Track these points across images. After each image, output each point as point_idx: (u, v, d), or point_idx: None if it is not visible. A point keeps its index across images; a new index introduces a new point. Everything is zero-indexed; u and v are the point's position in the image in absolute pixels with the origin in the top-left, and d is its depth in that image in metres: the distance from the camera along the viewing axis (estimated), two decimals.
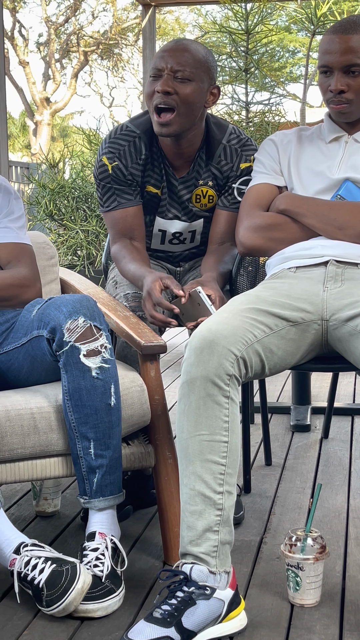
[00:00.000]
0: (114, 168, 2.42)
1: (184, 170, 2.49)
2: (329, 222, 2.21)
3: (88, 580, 1.86)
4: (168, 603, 1.74)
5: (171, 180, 2.48)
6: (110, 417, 1.99)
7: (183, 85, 2.32)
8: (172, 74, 2.32)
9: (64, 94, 22.58)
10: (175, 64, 2.32)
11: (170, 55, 2.33)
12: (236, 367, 1.82)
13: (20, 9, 22.39)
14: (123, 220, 2.46)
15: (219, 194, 2.51)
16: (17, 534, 1.95)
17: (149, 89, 2.36)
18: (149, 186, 2.48)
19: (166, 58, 2.33)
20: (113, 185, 2.44)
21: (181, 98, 2.32)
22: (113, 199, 2.45)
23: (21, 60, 21.82)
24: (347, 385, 4.14)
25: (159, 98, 2.32)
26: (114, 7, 21.79)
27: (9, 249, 2.29)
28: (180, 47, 2.35)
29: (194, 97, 2.34)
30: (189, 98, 2.33)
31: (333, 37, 2.21)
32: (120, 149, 2.43)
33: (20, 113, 26.17)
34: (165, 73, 2.32)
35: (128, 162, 2.43)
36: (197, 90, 2.35)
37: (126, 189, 2.44)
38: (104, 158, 2.44)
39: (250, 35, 6.04)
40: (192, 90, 2.33)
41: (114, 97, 48.91)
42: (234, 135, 2.49)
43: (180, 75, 2.32)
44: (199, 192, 2.50)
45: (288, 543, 1.91)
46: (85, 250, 5.76)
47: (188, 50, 2.34)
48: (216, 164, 2.48)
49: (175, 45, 2.37)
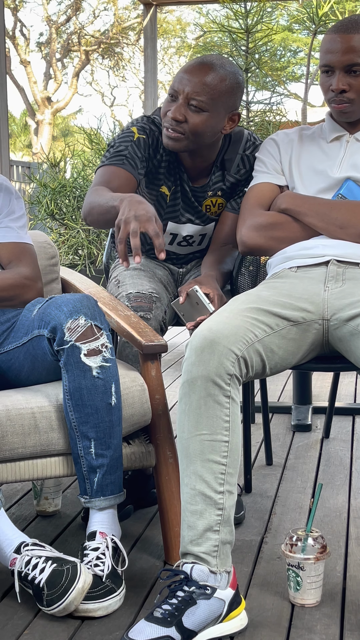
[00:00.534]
0: (139, 138, 2.37)
1: (200, 181, 2.49)
2: (330, 221, 2.21)
3: (89, 580, 1.86)
4: (169, 603, 1.74)
5: (185, 186, 2.47)
6: (111, 417, 1.99)
7: (195, 115, 2.28)
8: (187, 99, 2.27)
9: (65, 94, 22.60)
10: (192, 91, 2.26)
11: (190, 80, 2.27)
12: (237, 367, 1.82)
13: (21, 8, 22.40)
14: (114, 176, 2.32)
15: (229, 198, 2.52)
16: (17, 534, 1.95)
17: (165, 108, 2.33)
18: (164, 187, 2.46)
19: (185, 81, 2.27)
20: (129, 149, 2.36)
21: (190, 127, 2.29)
22: (119, 159, 2.35)
23: (22, 59, 21.83)
24: (348, 385, 4.14)
25: (169, 122, 2.30)
26: (115, 6, 21.80)
27: (10, 249, 2.29)
28: (203, 72, 2.27)
29: (204, 127, 2.30)
30: (198, 128, 2.30)
31: (335, 36, 2.21)
32: (152, 131, 2.41)
33: (22, 112, 26.18)
34: (181, 98, 2.28)
35: (152, 145, 2.40)
36: (210, 121, 2.31)
37: (137, 160, 2.36)
38: (134, 128, 2.39)
39: (250, 35, 6.04)
40: (203, 120, 2.29)
41: (115, 96, 48.84)
42: (250, 142, 2.49)
43: (195, 104, 2.27)
44: (209, 203, 2.51)
45: (289, 543, 1.91)
46: (86, 249, 5.76)
47: (209, 76, 2.27)
48: (234, 174, 2.48)
49: (198, 67, 2.29)
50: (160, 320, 2.34)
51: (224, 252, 2.49)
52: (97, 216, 2.22)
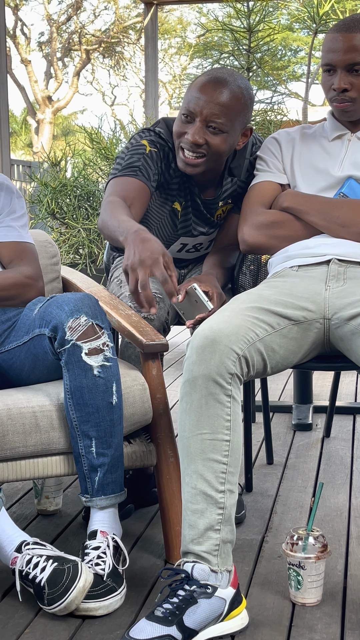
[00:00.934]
0: (151, 152, 2.33)
1: (210, 193, 2.47)
2: (332, 219, 2.21)
3: (89, 579, 1.86)
4: (169, 602, 1.74)
5: (196, 199, 2.46)
6: (111, 416, 1.99)
7: (215, 137, 2.26)
8: (205, 122, 2.24)
9: (66, 93, 22.60)
10: (210, 113, 2.22)
11: (206, 102, 2.22)
12: (238, 366, 1.82)
13: (22, 7, 22.40)
14: (130, 187, 2.27)
15: (238, 202, 2.51)
16: (18, 533, 1.95)
17: (179, 129, 2.28)
18: (176, 203, 2.44)
19: (201, 103, 2.22)
20: (141, 161, 2.31)
21: (212, 149, 2.27)
22: (132, 170, 2.29)
23: (23, 58, 21.83)
24: (349, 384, 4.14)
25: (188, 146, 2.26)
26: (116, 5, 21.79)
27: (11, 248, 2.29)
28: (218, 91, 2.22)
29: (224, 147, 2.29)
30: (219, 149, 2.28)
31: (336, 35, 2.21)
32: (162, 145, 2.36)
33: (22, 111, 26.18)
34: (198, 121, 2.24)
35: (165, 158, 2.37)
36: (230, 141, 2.30)
37: (150, 171, 2.31)
38: (144, 141, 2.35)
39: (252, 34, 6.03)
40: (223, 141, 2.27)
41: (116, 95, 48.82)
42: (256, 146, 2.48)
43: (214, 126, 2.24)
44: (220, 213, 2.51)
45: (289, 542, 1.91)
46: (87, 248, 5.76)
47: (225, 95, 2.23)
48: (244, 179, 2.47)
49: (212, 86, 2.23)
50: (164, 320, 2.34)
51: (227, 252, 2.49)
52: (108, 237, 2.18)
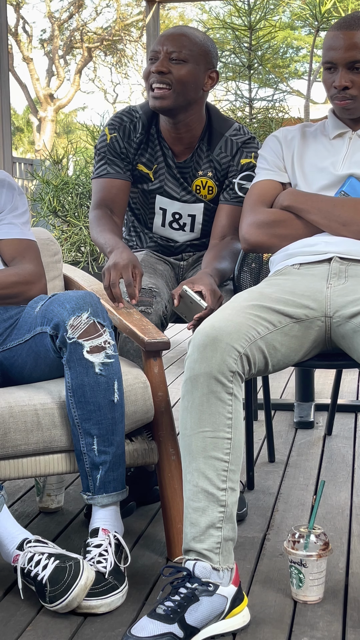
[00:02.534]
0: (112, 138, 2.54)
1: (184, 156, 2.56)
2: (333, 218, 2.21)
3: (91, 577, 1.86)
4: (171, 599, 1.75)
5: (170, 162, 2.55)
6: (113, 414, 1.99)
7: (178, 66, 2.42)
8: (168, 55, 2.41)
9: (68, 90, 22.57)
10: (171, 46, 2.42)
11: (167, 39, 2.44)
12: (239, 364, 1.82)
13: (23, 5, 22.38)
14: (108, 189, 2.54)
15: (219, 186, 2.55)
16: (20, 530, 1.96)
17: (146, 71, 2.46)
18: (140, 165, 2.56)
19: (163, 41, 2.44)
20: (107, 154, 2.54)
21: (176, 78, 2.42)
22: (104, 167, 2.55)
23: (25, 56, 21.80)
24: (351, 382, 4.14)
25: (154, 77, 2.42)
26: (118, 3, 21.77)
27: (14, 245, 2.30)
28: (178, 32, 2.46)
29: (188, 77, 2.43)
30: (183, 78, 2.42)
31: (337, 33, 2.21)
32: (121, 123, 2.55)
33: (24, 109, 26.16)
34: (162, 55, 2.42)
35: (125, 136, 2.53)
36: (193, 72, 2.44)
37: (118, 161, 2.54)
38: (106, 129, 2.56)
39: (253, 32, 6.02)
40: (187, 71, 2.42)
41: (118, 93, 48.78)
42: (238, 131, 2.55)
43: (176, 57, 2.41)
44: (199, 183, 2.55)
45: (291, 540, 1.91)
46: (88, 246, 5.76)
47: (185, 35, 2.45)
48: (216, 156, 2.54)
49: (173, 30, 2.48)
50: (161, 314, 2.35)
51: (223, 245, 2.49)
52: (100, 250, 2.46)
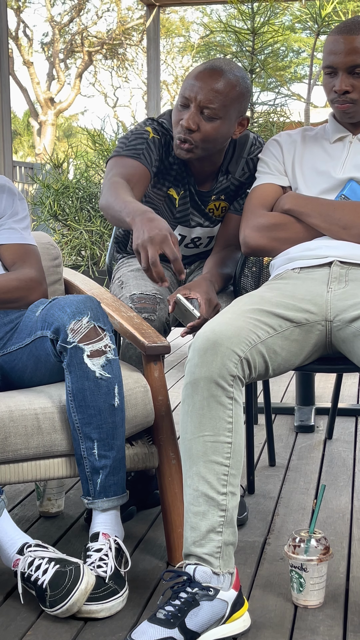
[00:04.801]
0: (154, 138, 2.38)
1: (206, 185, 2.51)
2: (334, 221, 2.21)
3: (91, 581, 1.86)
4: (171, 604, 1.74)
5: (192, 189, 2.49)
6: (114, 418, 1.99)
7: (208, 123, 2.29)
8: (199, 108, 2.28)
9: (68, 94, 22.60)
10: (204, 99, 2.26)
11: (201, 87, 2.27)
12: (240, 368, 1.82)
13: (24, 9, 22.42)
14: (133, 169, 2.32)
15: (232, 201, 2.52)
16: (20, 535, 1.95)
17: (176, 117, 2.33)
18: (172, 189, 2.47)
19: (196, 90, 2.27)
20: (144, 144, 2.36)
21: (202, 136, 2.30)
22: (136, 152, 2.34)
23: (25, 60, 21.84)
24: (351, 386, 4.13)
25: (182, 132, 2.30)
26: (118, 7, 21.80)
27: (14, 250, 2.30)
28: (213, 78, 2.27)
29: (216, 134, 2.32)
30: (210, 136, 2.31)
31: (338, 37, 2.21)
32: (164, 133, 2.41)
33: (24, 113, 26.18)
34: (193, 107, 2.28)
35: (166, 145, 2.41)
36: (222, 128, 2.32)
37: (152, 156, 2.36)
38: (148, 128, 2.39)
39: (256, 36, 6.03)
40: (216, 128, 2.30)
41: (118, 97, 48.87)
42: (255, 147, 2.50)
43: (207, 113, 2.28)
44: (212, 207, 2.52)
45: (292, 544, 1.91)
46: (89, 250, 5.76)
47: (221, 82, 2.27)
48: (239, 177, 2.50)
49: (209, 74, 2.28)
50: (164, 321, 2.35)
51: (226, 253, 2.50)
52: (111, 218, 2.22)
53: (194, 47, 21.94)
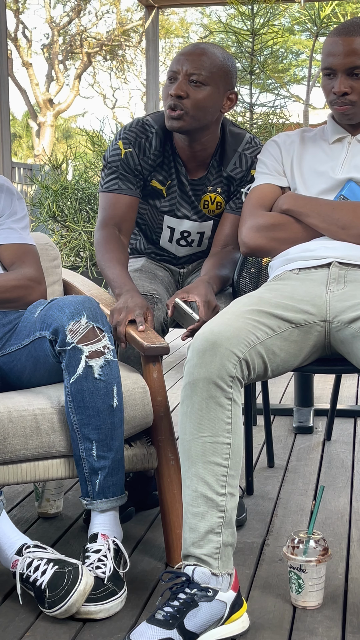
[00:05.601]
0: (126, 154, 2.44)
1: (198, 173, 2.52)
2: (332, 222, 2.21)
3: (90, 582, 1.85)
4: (170, 605, 1.74)
5: (182, 180, 2.50)
6: (112, 419, 1.99)
7: (197, 90, 2.34)
8: (187, 76, 2.34)
9: (67, 96, 22.61)
10: (191, 67, 2.33)
11: (187, 59, 2.35)
12: (239, 369, 1.82)
13: (24, 11, 22.42)
14: (116, 206, 2.45)
15: (227, 199, 2.52)
16: (19, 536, 1.95)
17: (165, 92, 2.38)
18: (154, 181, 2.50)
19: (182, 61, 2.35)
20: (120, 170, 2.45)
21: (193, 102, 2.34)
22: (115, 182, 2.46)
23: (24, 61, 21.84)
24: (350, 387, 4.14)
25: (172, 100, 2.35)
26: (118, 8, 21.82)
27: (13, 250, 2.30)
28: (198, 51, 2.36)
29: (206, 101, 2.36)
30: (200, 102, 2.35)
31: (336, 39, 2.21)
32: (137, 138, 2.46)
33: (24, 114, 26.18)
34: (181, 76, 2.34)
35: (140, 152, 2.45)
36: (211, 95, 2.36)
37: (131, 177, 2.45)
38: (119, 142, 2.46)
39: (255, 37, 6.03)
40: (205, 94, 2.35)
41: (117, 98, 48.88)
42: (250, 144, 2.52)
43: (195, 79, 2.33)
44: (207, 199, 2.52)
45: (290, 545, 1.91)
46: (88, 251, 5.76)
47: (205, 54, 2.35)
48: (230, 171, 2.50)
49: (193, 49, 2.38)
50: (162, 321, 2.35)
51: (224, 254, 2.49)
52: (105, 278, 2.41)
53: None
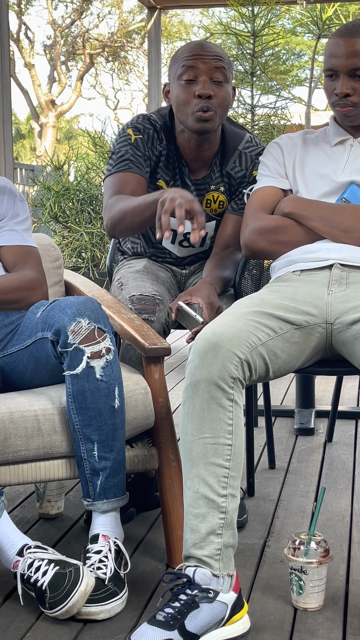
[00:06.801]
0: (136, 139, 2.45)
1: (201, 173, 2.53)
2: (334, 225, 2.21)
3: (91, 583, 1.86)
4: (171, 606, 1.74)
5: (186, 180, 2.52)
6: (114, 420, 1.99)
7: (220, 88, 2.38)
8: (209, 76, 2.35)
9: (69, 97, 22.63)
10: (211, 67, 2.35)
11: (204, 60, 2.36)
12: (240, 370, 1.82)
13: (26, 12, 22.44)
14: (126, 182, 2.42)
15: (229, 199, 2.53)
16: (20, 536, 1.95)
17: (185, 95, 2.37)
18: (161, 181, 2.50)
19: (198, 62, 2.35)
20: (130, 153, 2.45)
21: (219, 101, 2.38)
22: (125, 164, 2.44)
23: (27, 62, 21.86)
24: (351, 389, 4.13)
25: (202, 102, 2.35)
26: (120, 9, 21.83)
27: (15, 252, 2.30)
28: (207, 50, 2.37)
29: (228, 98, 2.42)
30: (225, 100, 2.40)
31: (339, 40, 2.22)
32: (146, 129, 2.48)
33: (27, 117, 26.20)
34: (203, 76, 2.35)
35: (149, 141, 2.47)
36: (229, 92, 2.43)
37: (140, 160, 2.45)
38: (129, 130, 2.47)
39: (256, 38, 6.04)
40: (226, 91, 2.41)
41: (119, 99, 48.89)
42: (250, 143, 2.54)
43: (217, 77, 2.36)
44: (210, 197, 2.53)
45: (291, 546, 1.91)
46: (89, 252, 5.77)
47: (215, 51, 2.38)
48: (230, 170, 2.52)
49: (201, 48, 2.38)
50: (164, 322, 2.35)
51: (226, 255, 2.50)
52: (133, 217, 2.28)
53: None
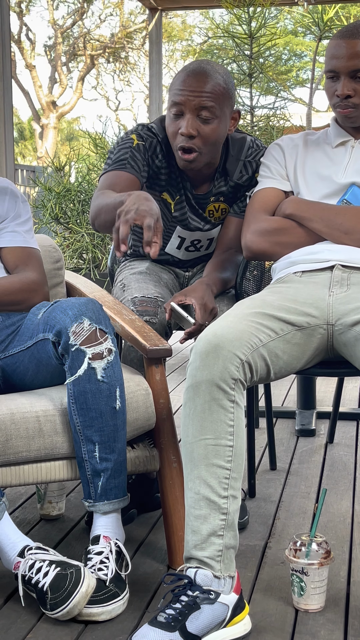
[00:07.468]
0: (139, 144, 2.39)
1: (203, 188, 2.50)
2: (335, 226, 2.21)
3: (92, 584, 1.86)
4: (172, 607, 1.74)
5: (188, 194, 2.49)
6: (115, 421, 1.99)
7: (206, 125, 2.29)
8: (195, 112, 2.28)
9: (70, 98, 22.64)
10: (198, 102, 2.26)
11: (192, 92, 2.26)
12: (241, 371, 1.82)
13: (27, 13, 22.45)
14: (117, 180, 2.33)
15: (231, 204, 2.52)
16: (21, 537, 1.95)
17: (172, 128, 2.32)
18: (165, 194, 2.48)
19: (187, 94, 2.27)
20: (128, 154, 2.37)
21: (204, 139, 2.30)
22: (121, 163, 2.36)
23: (28, 63, 21.88)
24: (353, 390, 4.13)
25: (183, 141, 2.30)
26: (121, 11, 21.84)
27: (17, 253, 2.30)
28: (201, 80, 2.27)
29: (217, 136, 2.33)
30: (211, 138, 2.32)
31: (340, 42, 2.22)
32: (149, 137, 2.41)
33: (29, 119, 26.21)
34: (188, 112, 2.28)
35: (149, 150, 2.41)
36: (220, 127, 2.33)
37: (139, 163, 2.37)
38: (133, 136, 2.40)
39: (253, 39, 6.04)
40: (215, 128, 2.31)
41: (120, 100, 48.94)
42: (252, 149, 2.50)
43: (205, 115, 2.28)
44: (212, 208, 2.52)
45: (293, 548, 1.91)
46: (90, 253, 5.77)
47: (209, 83, 2.27)
48: (237, 180, 2.49)
49: (195, 77, 2.28)
50: (165, 324, 2.35)
51: (226, 256, 2.50)
52: (105, 216, 2.20)
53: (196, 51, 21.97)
